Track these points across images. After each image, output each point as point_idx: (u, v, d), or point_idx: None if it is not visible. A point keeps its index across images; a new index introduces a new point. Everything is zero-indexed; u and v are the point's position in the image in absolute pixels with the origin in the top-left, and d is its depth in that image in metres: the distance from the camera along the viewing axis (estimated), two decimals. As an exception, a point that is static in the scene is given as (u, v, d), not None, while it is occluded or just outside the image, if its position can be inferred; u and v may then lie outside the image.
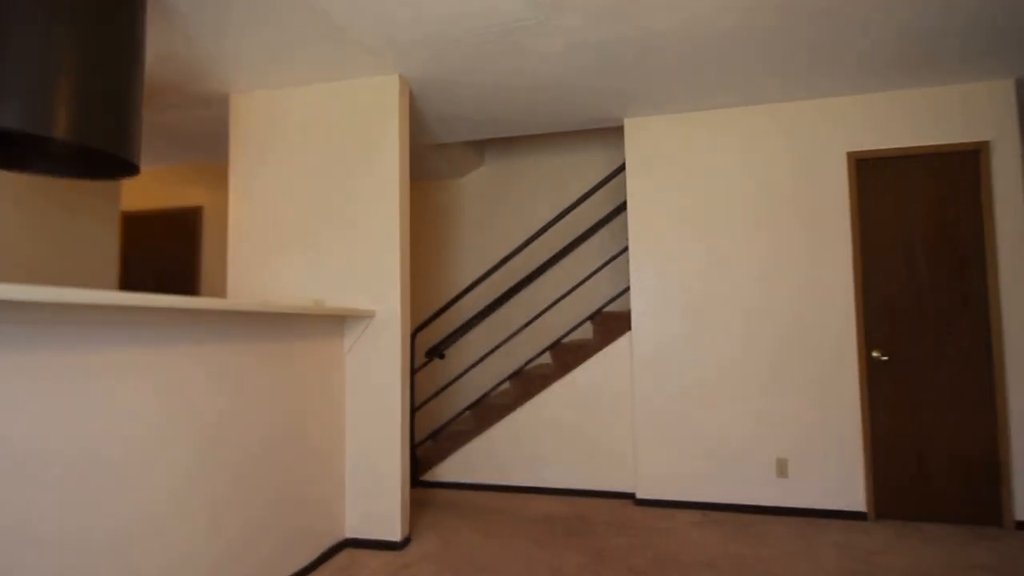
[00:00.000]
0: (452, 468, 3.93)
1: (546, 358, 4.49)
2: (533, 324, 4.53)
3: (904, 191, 3.28)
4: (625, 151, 3.68)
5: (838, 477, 3.25)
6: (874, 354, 3.24)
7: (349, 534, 2.90)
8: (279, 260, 3.08)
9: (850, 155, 3.33)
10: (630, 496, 3.62)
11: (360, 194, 3.01)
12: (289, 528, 2.43)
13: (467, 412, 4.10)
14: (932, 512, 3.14)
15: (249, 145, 3.17)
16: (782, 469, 3.32)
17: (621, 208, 4.06)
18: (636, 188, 3.65)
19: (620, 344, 3.67)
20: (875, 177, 3.31)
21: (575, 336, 4.47)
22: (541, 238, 4.59)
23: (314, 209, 3.05)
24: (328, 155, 3.06)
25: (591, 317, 3.84)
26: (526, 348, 4.58)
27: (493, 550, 2.83)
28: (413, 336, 4.17)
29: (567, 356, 3.78)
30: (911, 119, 3.27)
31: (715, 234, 3.50)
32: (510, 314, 4.59)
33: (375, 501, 2.89)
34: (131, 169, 2.04)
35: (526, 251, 4.63)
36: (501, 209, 4.79)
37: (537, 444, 3.78)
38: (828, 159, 3.36)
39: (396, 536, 2.85)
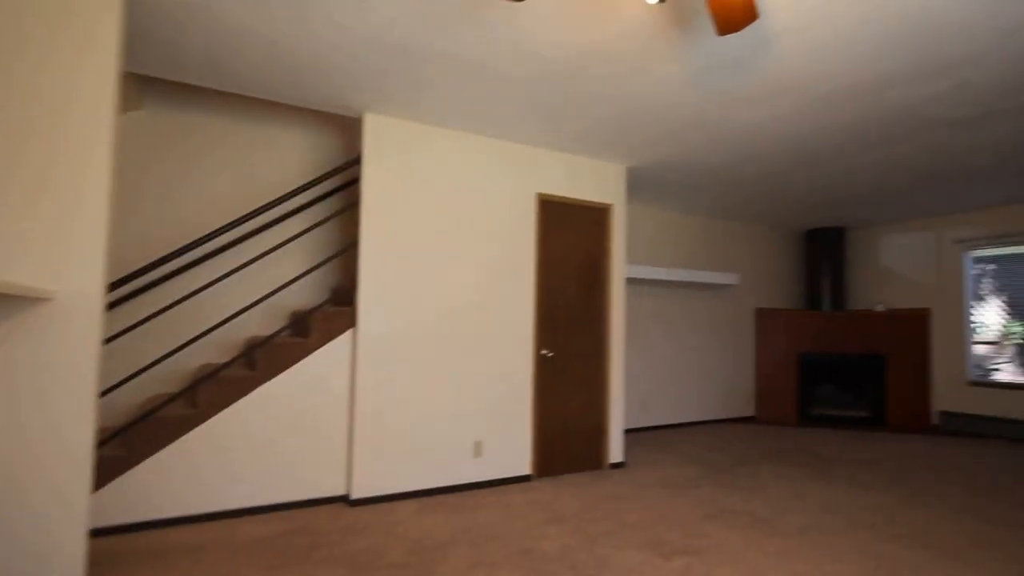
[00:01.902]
0: (106, 508, 2.94)
1: (213, 356, 3.84)
2: (203, 319, 3.80)
3: (567, 230, 4.37)
4: (364, 145, 3.60)
5: (515, 450, 4.04)
6: (543, 351, 4.20)
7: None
8: None
9: (539, 195, 4.23)
10: (343, 498, 3.53)
11: (35, 112, 2.04)
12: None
13: (127, 431, 3.11)
14: (569, 465, 4.28)
15: None
16: (478, 450, 3.89)
17: (325, 198, 3.91)
18: (372, 184, 3.62)
19: (336, 343, 3.55)
20: (552, 216, 4.30)
21: (262, 333, 3.99)
22: (216, 222, 3.90)
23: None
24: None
25: (310, 313, 3.56)
26: (203, 349, 3.80)
27: (234, 590, 2.36)
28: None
29: (271, 357, 3.39)
30: (577, 177, 4.41)
31: (439, 243, 3.83)
32: (179, 311, 3.71)
33: None
34: None
35: (197, 232, 3.84)
36: (160, 173, 3.79)
37: (235, 459, 3.24)
38: (527, 196, 4.18)
39: (89, 612, 2.04)
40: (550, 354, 4.22)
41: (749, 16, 2.15)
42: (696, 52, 2.81)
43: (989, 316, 6.16)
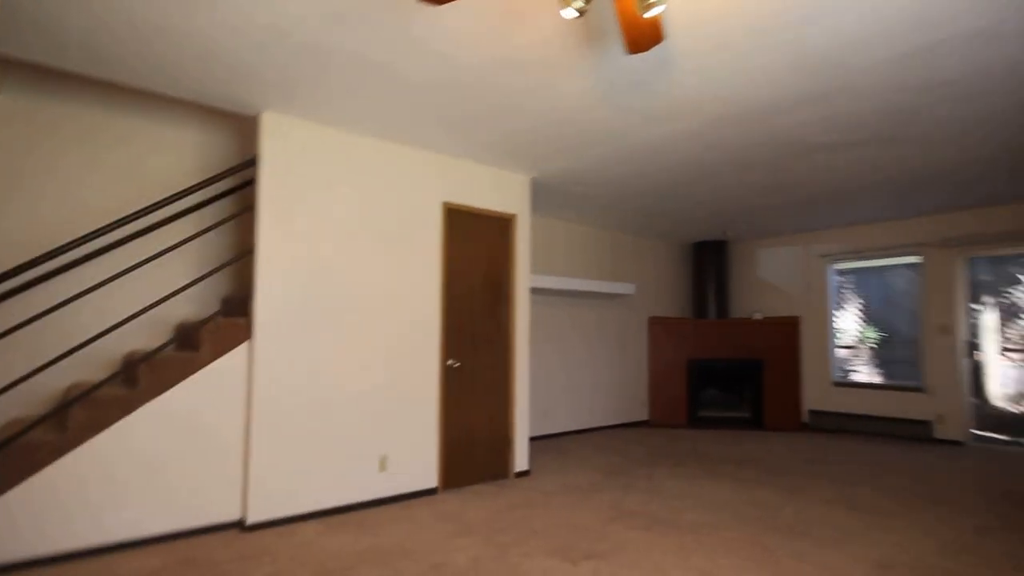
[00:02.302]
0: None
1: (85, 374, 3.43)
2: (73, 333, 3.37)
3: (472, 239, 4.38)
4: (260, 146, 3.39)
5: (421, 463, 3.96)
6: (449, 362, 4.16)
7: None
8: None
9: (445, 204, 4.20)
10: (238, 524, 3.26)
11: None
12: None
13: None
14: (475, 476, 4.26)
15: None
16: (383, 465, 3.77)
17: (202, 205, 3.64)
18: (270, 188, 3.42)
19: (230, 357, 3.29)
20: (457, 225, 4.29)
21: (142, 347, 3.62)
22: (89, 225, 3.50)
23: None
24: None
25: (199, 325, 3.27)
26: (74, 367, 3.36)
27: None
28: None
29: (156, 373, 3.08)
30: (483, 187, 4.43)
31: (341, 251, 3.68)
32: (45, 324, 3.27)
33: None
34: None
35: (66, 235, 3.42)
36: (22, 167, 3.34)
37: (113, 487, 2.90)
38: (432, 204, 4.14)
39: None
40: (456, 364, 4.20)
41: (656, 37, 2.25)
42: (604, 69, 2.94)
43: (848, 322, 6.98)
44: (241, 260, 3.78)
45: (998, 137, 3.85)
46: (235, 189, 3.83)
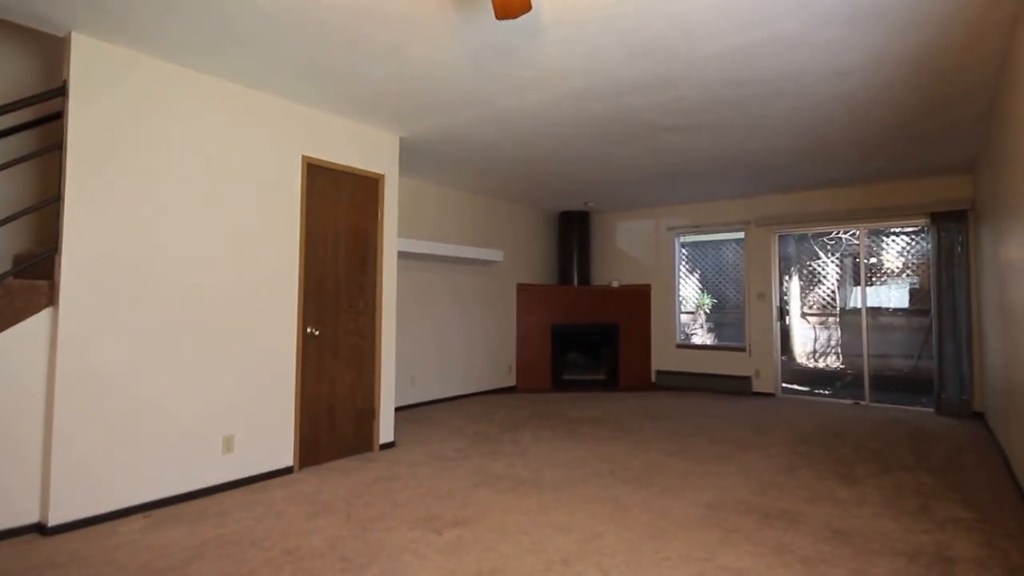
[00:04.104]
0: None
1: None
2: None
3: (336, 199, 4.05)
4: (70, 73, 2.76)
5: (275, 441, 3.65)
6: (308, 330, 3.85)
7: None
8: None
9: (305, 158, 3.81)
10: (35, 527, 2.74)
11: None
12: None
13: None
14: (336, 451, 4.03)
15: None
16: (228, 445, 3.41)
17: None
18: (84, 125, 2.82)
19: (25, 327, 2.71)
20: (320, 183, 3.93)
21: None
22: None
23: None
24: None
25: (-24, 290, 2.63)
26: None
27: None
28: None
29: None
30: (348, 143, 4.09)
31: (176, 205, 3.18)
32: None
33: None
34: None
35: None
36: None
37: None
38: (291, 158, 3.73)
39: None
40: (317, 332, 3.90)
41: (525, 5, 2.22)
42: (474, 31, 2.79)
43: (689, 290, 7.69)
44: (42, 209, 3.11)
45: (799, 133, 4.39)
46: (35, 123, 3.12)
